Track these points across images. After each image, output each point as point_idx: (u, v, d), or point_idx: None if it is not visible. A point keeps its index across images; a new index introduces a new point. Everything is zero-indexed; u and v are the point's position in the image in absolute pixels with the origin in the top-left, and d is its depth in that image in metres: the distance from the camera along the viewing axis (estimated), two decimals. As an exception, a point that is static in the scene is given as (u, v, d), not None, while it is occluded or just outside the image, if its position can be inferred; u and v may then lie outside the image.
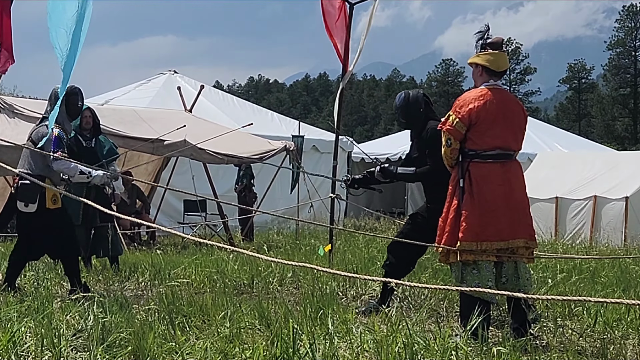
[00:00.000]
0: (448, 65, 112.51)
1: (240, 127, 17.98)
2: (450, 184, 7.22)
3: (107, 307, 7.30)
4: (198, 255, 12.55)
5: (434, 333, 6.53)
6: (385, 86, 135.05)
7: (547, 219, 21.84)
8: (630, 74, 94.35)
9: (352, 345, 6.10)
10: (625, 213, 20.50)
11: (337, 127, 11.87)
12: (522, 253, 7.11)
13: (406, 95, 8.71)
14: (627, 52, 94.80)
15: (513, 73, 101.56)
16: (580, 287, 10.21)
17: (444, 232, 7.12)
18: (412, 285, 5.84)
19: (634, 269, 12.53)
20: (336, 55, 11.80)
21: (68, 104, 9.20)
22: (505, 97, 7.23)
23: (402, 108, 8.66)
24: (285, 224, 21.65)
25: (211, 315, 7.39)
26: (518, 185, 7.19)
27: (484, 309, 6.76)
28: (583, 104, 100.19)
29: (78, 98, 9.42)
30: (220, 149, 16.35)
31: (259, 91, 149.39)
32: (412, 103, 8.61)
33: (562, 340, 7.19)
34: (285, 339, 5.88)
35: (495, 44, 7.30)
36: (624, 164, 22.78)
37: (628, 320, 7.81)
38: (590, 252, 17.43)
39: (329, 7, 11.65)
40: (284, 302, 8.20)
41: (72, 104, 9.33)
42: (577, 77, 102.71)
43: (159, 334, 6.41)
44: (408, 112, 8.63)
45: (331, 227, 11.69)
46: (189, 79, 27.09)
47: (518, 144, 7.26)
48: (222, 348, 6.02)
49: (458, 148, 7.10)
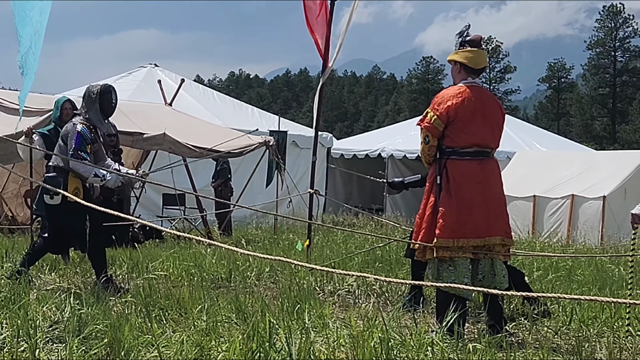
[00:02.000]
0: (428, 62, 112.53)
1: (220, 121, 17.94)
2: (428, 181, 7.25)
3: (83, 299, 7.30)
4: (176, 249, 12.54)
5: (410, 329, 6.56)
6: (366, 83, 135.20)
7: (525, 217, 21.92)
8: (610, 74, 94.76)
9: (328, 340, 6.12)
10: (602, 212, 20.60)
11: (317, 123, 11.89)
12: (498, 250, 7.15)
13: None
14: (606, 52, 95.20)
15: (493, 71, 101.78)
16: (557, 285, 10.28)
17: (421, 228, 7.14)
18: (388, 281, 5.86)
19: (610, 267, 12.61)
20: (317, 51, 11.81)
21: (102, 102, 9.25)
22: (483, 94, 7.26)
23: None
24: (264, 219, 21.64)
25: (188, 308, 7.40)
26: (495, 183, 7.22)
27: (460, 306, 6.79)
28: (562, 103, 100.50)
29: (112, 96, 9.41)
30: (199, 143, 16.32)
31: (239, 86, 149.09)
32: None
33: (537, 338, 7.24)
34: (261, 333, 5.90)
35: (474, 41, 7.33)
36: (602, 164, 22.89)
37: (603, 319, 7.87)
38: (567, 250, 17.52)
39: (310, 3, 11.65)
40: (261, 297, 8.23)
41: (107, 102, 9.34)
42: (557, 76, 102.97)
43: (136, 326, 6.42)
44: None
45: (310, 223, 11.70)
46: (169, 72, 27.02)
47: (496, 141, 7.30)
48: (198, 341, 6.03)
49: (436, 145, 7.13)
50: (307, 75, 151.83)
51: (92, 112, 9.14)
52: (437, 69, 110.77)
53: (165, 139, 15.28)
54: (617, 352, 6.62)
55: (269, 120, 26.11)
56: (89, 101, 9.18)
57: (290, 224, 19.97)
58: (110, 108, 9.46)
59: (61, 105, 11.51)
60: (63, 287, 8.85)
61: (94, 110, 9.13)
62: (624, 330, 7.36)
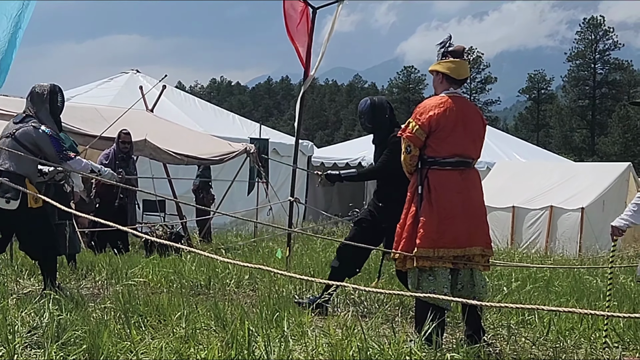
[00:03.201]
0: (409, 72, 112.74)
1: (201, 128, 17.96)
2: (409, 191, 7.27)
3: (63, 304, 7.28)
4: (155, 255, 12.52)
5: (388, 338, 6.57)
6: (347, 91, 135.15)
7: (504, 228, 22.00)
8: (589, 86, 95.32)
9: (307, 348, 6.13)
10: (580, 224, 20.72)
11: (298, 131, 11.91)
12: (478, 261, 7.17)
13: (372, 101, 8.96)
14: (586, 64, 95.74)
15: (474, 82, 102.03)
16: (535, 296, 10.32)
17: (402, 237, 7.16)
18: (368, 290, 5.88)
19: (588, 279, 12.68)
20: (298, 59, 11.82)
21: (52, 102, 9.13)
22: (464, 105, 7.29)
23: (368, 113, 8.84)
24: (244, 226, 21.65)
25: (167, 315, 7.39)
26: (476, 193, 7.25)
27: (439, 315, 6.81)
28: (542, 115, 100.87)
29: (59, 96, 9.31)
30: (180, 150, 16.31)
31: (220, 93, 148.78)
32: (378, 108, 8.85)
33: (515, 348, 7.27)
34: (240, 341, 5.91)
35: (456, 52, 7.36)
36: (581, 175, 23.04)
37: (580, 330, 7.90)
38: (545, 261, 17.59)
39: (290, 11, 11.65)
40: (240, 304, 8.23)
41: (55, 102, 9.21)
42: (537, 87, 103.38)
43: (114, 332, 6.40)
44: (374, 118, 8.85)
45: (289, 231, 11.71)
46: (151, 78, 27.00)
47: (477, 152, 7.33)
48: (177, 348, 6.03)
49: (418, 155, 7.15)
50: (289, 83, 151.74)
51: (41, 112, 9.02)
52: (418, 78, 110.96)
53: (146, 145, 15.27)
54: (594, 363, 6.66)
55: (250, 128, 26.15)
56: (38, 101, 9.04)
57: (270, 232, 19.96)
58: (58, 108, 9.35)
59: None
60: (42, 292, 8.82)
61: (44, 111, 9.02)
62: (601, 341, 7.40)
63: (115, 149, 14.62)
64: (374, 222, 8.76)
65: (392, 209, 8.01)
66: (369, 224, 8.80)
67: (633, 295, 10.82)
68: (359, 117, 9.06)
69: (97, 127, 15.85)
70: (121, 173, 14.16)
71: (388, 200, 8.60)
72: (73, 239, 11.49)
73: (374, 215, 8.78)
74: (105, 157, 14.62)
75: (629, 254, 18.62)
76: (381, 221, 8.62)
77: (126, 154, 14.65)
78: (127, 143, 14.67)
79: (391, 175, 8.47)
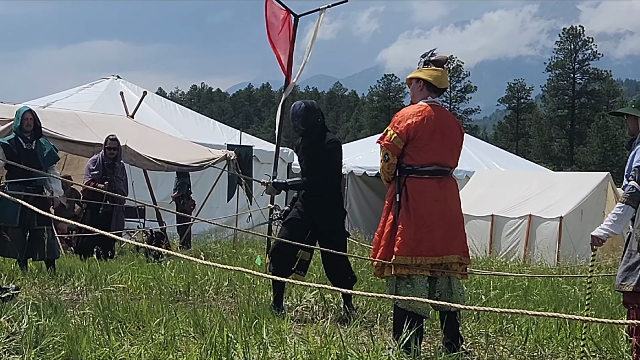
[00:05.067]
0: (390, 80, 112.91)
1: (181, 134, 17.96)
2: (387, 199, 7.29)
3: (41, 310, 7.27)
4: (135, 262, 12.51)
5: (367, 345, 6.60)
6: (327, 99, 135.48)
7: (483, 236, 22.07)
8: (569, 96, 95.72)
9: (285, 355, 6.14)
10: (559, 233, 20.81)
11: (278, 138, 11.93)
12: (455, 269, 7.20)
13: (307, 104, 9.28)
14: (566, 73, 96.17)
15: (453, 91, 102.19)
16: (513, 305, 10.36)
17: (380, 245, 7.18)
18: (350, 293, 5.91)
19: (566, 288, 12.73)
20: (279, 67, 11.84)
21: None
22: (442, 114, 7.32)
23: (303, 116, 9.12)
24: (224, 233, 21.63)
25: (146, 321, 7.39)
26: (453, 201, 7.28)
27: (417, 323, 6.84)
28: (521, 124, 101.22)
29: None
30: (160, 156, 16.31)
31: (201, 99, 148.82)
32: (312, 112, 9.17)
33: (493, 357, 7.30)
34: (219, 348, 5.92)
35: (439, 61, 7.39)
36: (559, 185, 23.14)
37: (558, 339, 7.94)
38: (523, 270, 17.65)
39: (272, 18, 11.66)
40: (219, 311, 8.24)
41: None
42: (517, 96, 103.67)
43: (93, 338, 6.39)
44: (308, 120, 9.15)
45: (269, 237, 11.71)
46: (131, 84, 27.03)
47: (454, 160, 7.37)
48: (156, 355, 6.03)
49: (396, 163, 7.18)
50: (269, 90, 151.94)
51: None
52: (398, 86, 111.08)
53: (127, 151, 15.26)
54: (571, 371, 6.69)
55: (230, 134, 26.15)
56: None
57: (249, 239, 19.96)
58: None
59: (22, 115, 11.48)
60: (21, 297, 8.79)
61: None
62: (579, 350, 7.43)
63: (102, 155, 14.60)
64: (302, 220, 8.94)
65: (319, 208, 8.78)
66: (298, 223, 8.95)
67: (611, 304, 10.88)
68: (293, 120, 9.28)
69: (77, 132, 15.83)
70: (107, 179, 14.20)
71: (313, 198, 8.97)
72: (52, 244, 11.48)
73: (303, 214, 8.93)
74: (93, 163, 14.62)
75: (607, 264, 18.70)
76: (310, 219, 8.89)
77: (113, 159, 14.63)
78: (114, 149, 14.65)
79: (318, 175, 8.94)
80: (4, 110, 15.19)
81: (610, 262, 18.64)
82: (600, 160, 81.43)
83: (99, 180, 14.29)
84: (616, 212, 7.28)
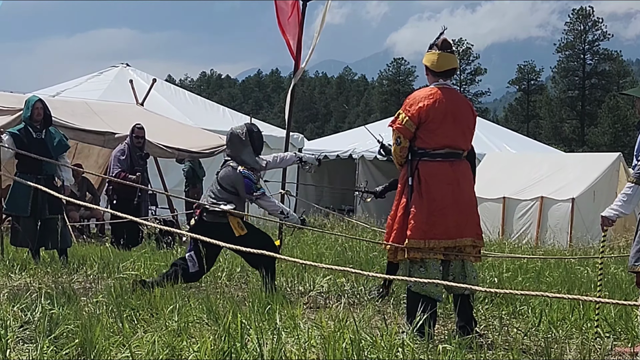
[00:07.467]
0: (399, 64, 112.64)
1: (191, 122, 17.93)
2: (400, 182, 7.28)
3: (55, 299, 7.28)
4: (147, 249, 12.52)
5: (380, 330, 6.58)
6: (337, 84, 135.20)
7: (495, 219, 22.05)
8: (579, 77, 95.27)
9: (299, 340, 6.13)
10: (571, 214, 20.77)
11: (288, 123, 11.91)
12: (469, 252, 7.19)
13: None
14: (575, 54, 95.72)
15: (463, 73, 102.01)
16: (526, 287, 10.35)
17: (393, 229, 7.18)
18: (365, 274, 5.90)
19: (579, 269, 12.70)
20: (289, 52, 11.83)
21: (253, 141, 9.13)
22: (454, 96, 7.30)
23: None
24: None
25: (159, 308, 7.38)
26: (466, 184, 7.27)
27: (430, 307, 6.83)
28: (532, 106, 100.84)
29: (261, 135, 9.29)
30: (171, 143, 16.31)
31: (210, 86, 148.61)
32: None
33: (507, 339, 7.29)
34: (233, 334, 5.91)
35: (438, 44, 7.37)
36: (571, 166, 23.08)
37: (572, 320, 7.93)
38: (536, 252, 17.63)
39: (281, 4, 11.66)
40: (232, 297, 8.23)
41: (257, 139, 9.21)
42: (527, 78, 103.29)
43: (107, 327, 6.40)
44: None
45: (280, 223, 11.70)
46: (141, 72, 27.00)
47: (467, 143, 7.34)
48: (169, 342, 6.02)
49: (407, 147, 7.16)
50: (279, 76, 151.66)
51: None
52: (408, 70, 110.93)
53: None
54: (585, 353, 6.67)
55: (240, 121, 26.06)
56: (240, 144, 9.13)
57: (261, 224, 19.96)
58: (261, 145, 9.30)
59: (32, 104, 11.46)
60: (34, 287, 8.80)
61: (248, 151, 9.13)
62: (593, 331, 7.42)
63: (130, 144, 14.53)
64: None
65: None
66: None
67: (624, 285, 10.86)
68: None
69: (87, 121, 15.84)
70: (138, 171, 14.14)
71: None
72: (64, 233, 11.50)
73: None
74: (122, 153, 14.49)
75: (620, 244, 18.65)
76: None
77: (140, 148, 14.60)
78: (141, 137, 14.63)
79: None
80: (13, 100, 15.23)
81: (623, 243, 18.59)
82: (611, 141, 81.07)
83: (129, 171, 14.24)
84: (626, 192, 7.25)
